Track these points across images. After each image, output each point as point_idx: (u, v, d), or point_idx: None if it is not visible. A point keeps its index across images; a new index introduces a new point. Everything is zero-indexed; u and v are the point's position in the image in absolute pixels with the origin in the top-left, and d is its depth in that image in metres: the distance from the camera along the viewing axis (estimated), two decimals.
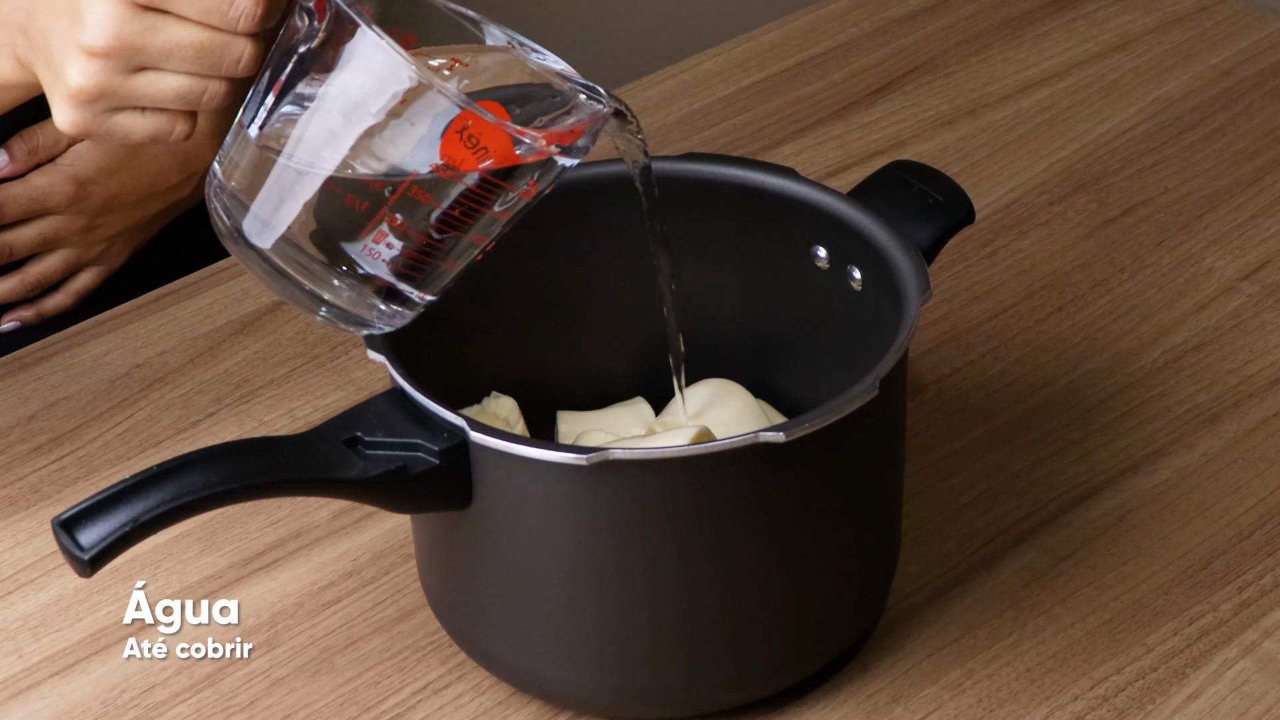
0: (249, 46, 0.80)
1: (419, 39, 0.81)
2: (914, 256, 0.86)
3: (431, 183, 0.77)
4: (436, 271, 0.80)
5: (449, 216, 0.78)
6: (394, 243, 0.78)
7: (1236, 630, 0.91)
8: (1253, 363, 1.07)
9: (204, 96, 0.81)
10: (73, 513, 0.75)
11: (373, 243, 0.78)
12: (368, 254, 0.78)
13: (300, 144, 0.78)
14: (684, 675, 0.85)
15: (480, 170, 0.77)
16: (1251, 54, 1.34)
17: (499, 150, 0.77)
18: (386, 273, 0.79)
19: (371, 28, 0.75)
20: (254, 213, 0.79)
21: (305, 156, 0.78)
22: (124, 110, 0.81)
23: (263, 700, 0.89)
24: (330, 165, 0.77)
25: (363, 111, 0.76)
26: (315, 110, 0.77)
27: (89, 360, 1.10)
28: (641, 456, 0.78)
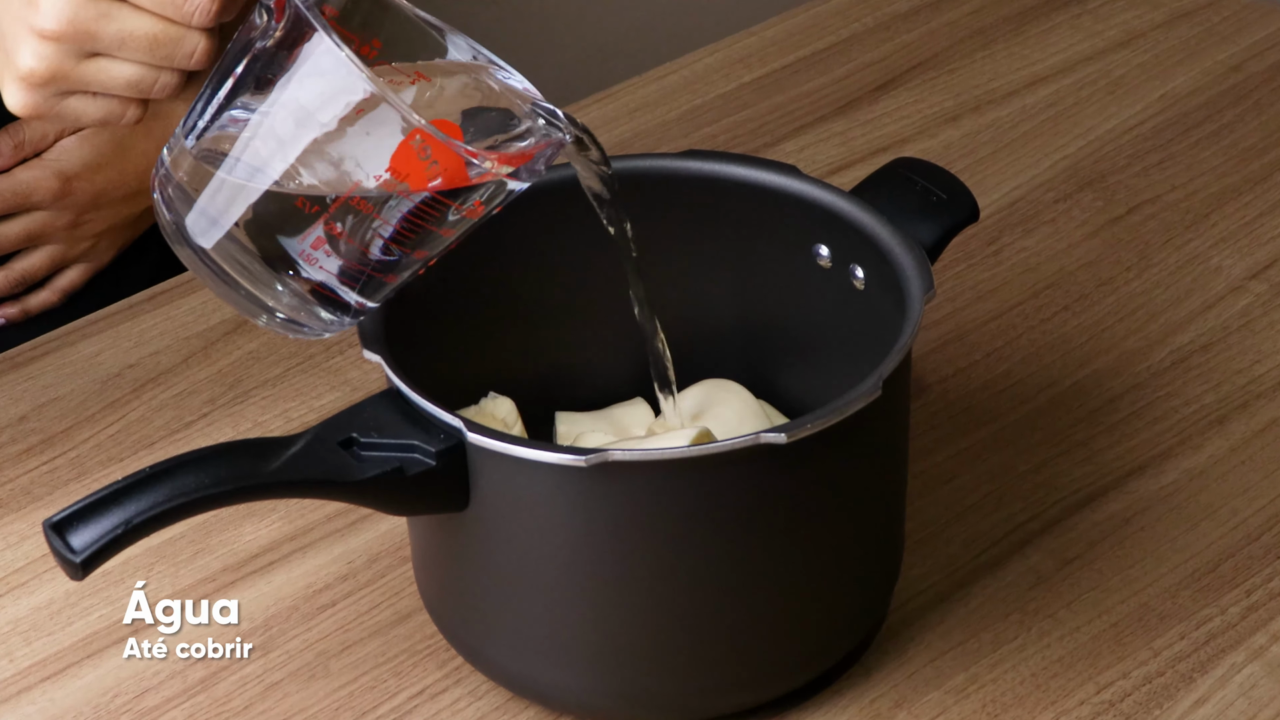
0: (203, 41, 0.80)
1: (384, 44, 0.81)
2: (917, 255, 0.86)
3: (376, 195, 0.77)
4: (375, 283, 0.80)
5: (392, 230, 0.78)
6: (332, 250, 0.78)
7: (1245, 634, 0.91)
8: (1261, 363, 1.07)
9: (155, 86, 0.81)
10: (64, 515, 0.75)
11: (312, 248, 0.78)
12: (306, 259, 0.78)
13: (248, 144, 0.78)
14: (684, 680, 0.85)
15: (429, 190, 0.77)
16: (1260, 49, 1.34)
17: (450, 169, 0.77)
18: (325, 279, 0.79)
19: (330, 34, 0.75)
20: (198, 209, 0.79)
21: (252, 157, 0.78)
22: (75, 94, 0.81)
23: (257, 705, 0.89)
24: (277, 168, 0.77)
25: (313, 117, 0.76)
26: (266, 111, 0.77)
27: (80, 360, 1.10)
28: (641, 458, 0.78)
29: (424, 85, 0.81)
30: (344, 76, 0.75)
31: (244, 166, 0.78)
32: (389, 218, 0.78)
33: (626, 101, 1.32)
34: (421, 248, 0.79)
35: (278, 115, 0.77)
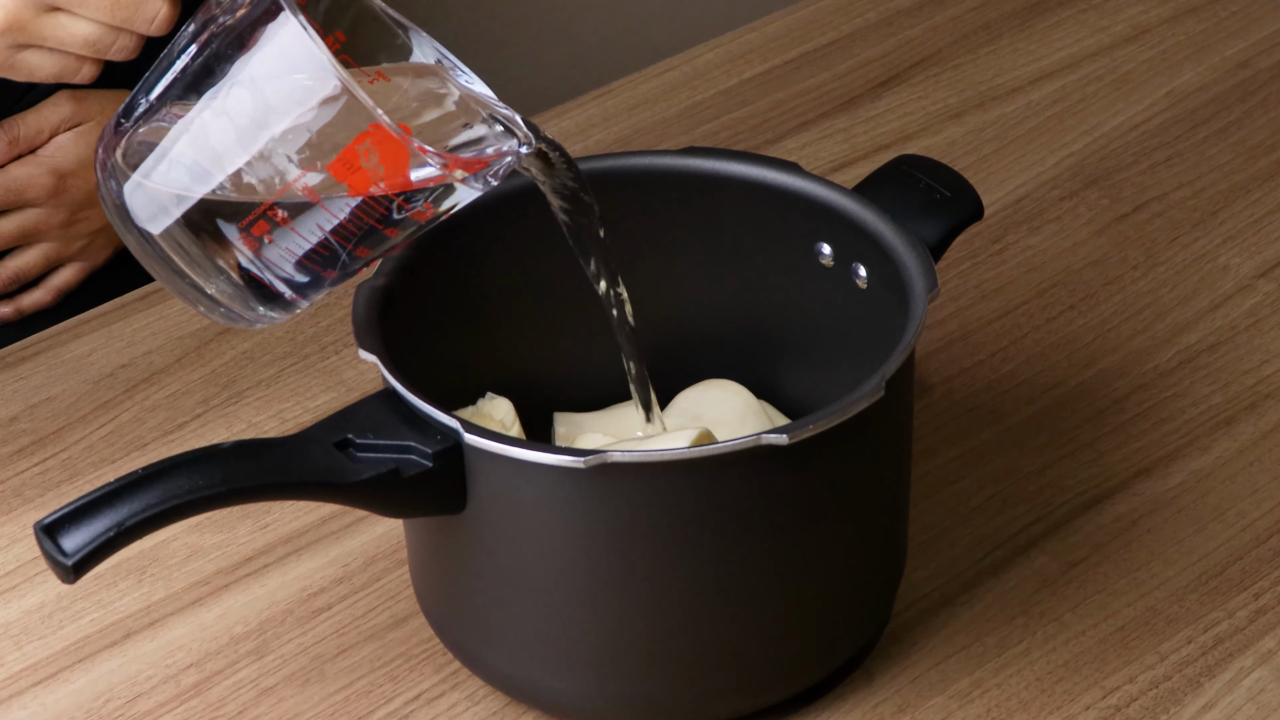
0: (165, 7, 0.80)
1: (347, 38, 0.80)
2: (921, 253, 0.87)
3: (322, 184, 0.76)
4: (315, 278, 0.80)
5: (333, 225, 0.77)
6: (272, 240, 0.77)
7: (1253, 638, 0.91)
8: (1269, 363, 1.07)
9: (113, 47, 0.81)
10: (56, 517, 0.75)
11: (253, 233, 0.77)
12: (246, 244, 0.78)
13: (196, 120, 0.77)
14: (684, 684, 0.85)
15: (369, 193, 0.77)
16: (1268, 45, 1.34)
17: (394, 171, 0.76)
18: (261, 271, 0.79)
19: (297, 16, 0.74)
20: (139, 184, 0.78)
21: (200, 142, 0.77)
22: (31, 48, 0.81)
23: (251, 710, 0.89)
24: (225, 156, 0.76)
25: (268, 103, 0.75)
26: (219, 94, 0.76)
27: (72, 360, 1.10)
28: (640, 459, 0.78)
29: (384, 85, 0.81)
30: (308, 64, 0.74)
31: (191, 150, 0.77)
32: (333, 212, 0.77)
33: (626, 98, 1.32)
34: (364, 245, 0.79)
35: (231, 98, 0.76)
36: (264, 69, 0.76)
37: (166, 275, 0.80)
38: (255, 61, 0.76)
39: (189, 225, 0.78)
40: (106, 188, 0.79)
